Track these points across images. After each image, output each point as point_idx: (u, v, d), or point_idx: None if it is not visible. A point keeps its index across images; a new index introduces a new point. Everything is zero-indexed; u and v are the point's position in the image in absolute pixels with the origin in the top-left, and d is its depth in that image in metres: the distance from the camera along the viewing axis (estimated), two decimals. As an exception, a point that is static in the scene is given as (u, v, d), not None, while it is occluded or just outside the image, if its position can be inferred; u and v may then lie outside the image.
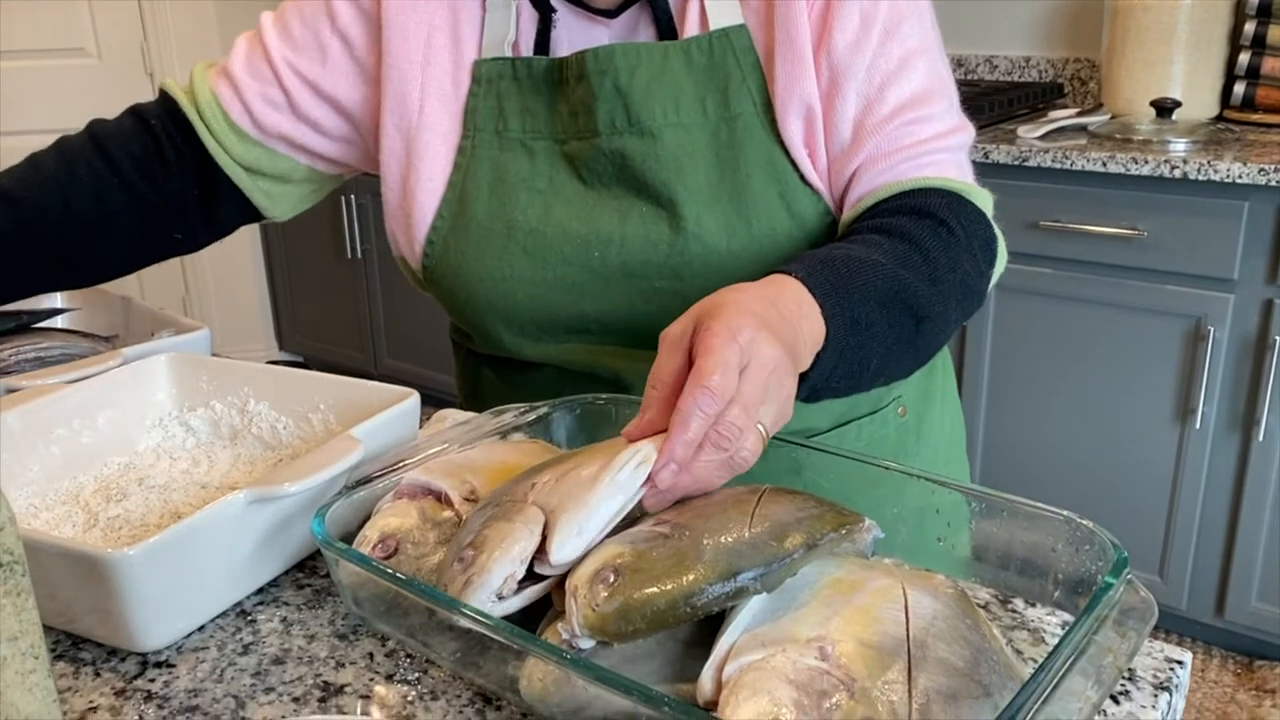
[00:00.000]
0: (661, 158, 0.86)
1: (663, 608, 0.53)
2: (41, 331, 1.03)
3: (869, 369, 0.74)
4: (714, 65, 0.86)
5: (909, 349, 0.79)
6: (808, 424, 0.93)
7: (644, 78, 0.86)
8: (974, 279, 0.83)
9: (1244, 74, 2.26)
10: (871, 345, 0.73)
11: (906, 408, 0.99)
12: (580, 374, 0.93)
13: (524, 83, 0.90)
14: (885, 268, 0.75)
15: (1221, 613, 2.14)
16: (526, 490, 0.61)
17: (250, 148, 0.99)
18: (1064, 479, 2.25)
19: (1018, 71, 2.68)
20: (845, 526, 0.60)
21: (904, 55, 0.85)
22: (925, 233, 0.80)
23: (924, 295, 0.77)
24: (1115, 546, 0.59)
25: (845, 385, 0.74)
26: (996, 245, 0.86)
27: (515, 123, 0.90)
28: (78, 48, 3.36)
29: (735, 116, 0.86)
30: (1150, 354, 2.09)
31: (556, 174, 0.89)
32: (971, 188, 0.86)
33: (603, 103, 0.86)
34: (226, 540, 0.66)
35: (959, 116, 0.89)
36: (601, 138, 0.87)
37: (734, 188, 0.86)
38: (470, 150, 0.91)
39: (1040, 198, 2.10)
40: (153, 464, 0.84)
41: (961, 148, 0.88)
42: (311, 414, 0.85)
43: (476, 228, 0.90)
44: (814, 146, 0.87)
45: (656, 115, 0.86)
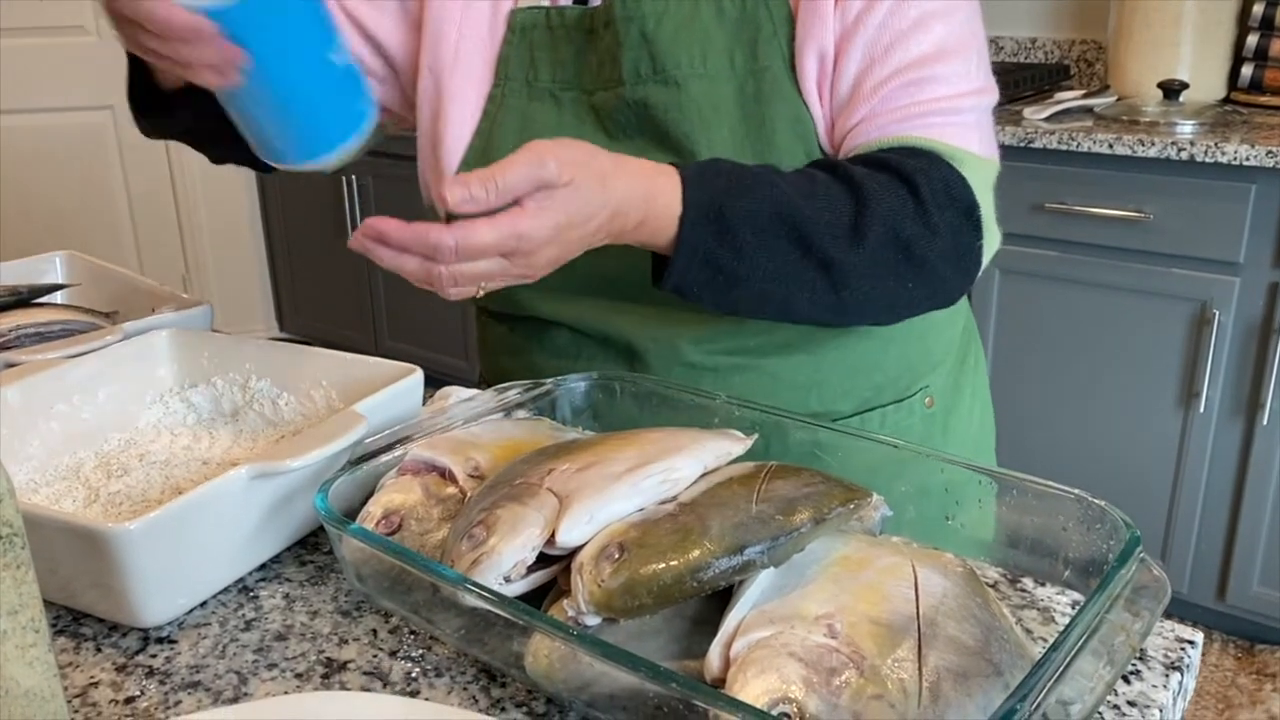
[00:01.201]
0: (684, 108, 0.84)
1: (669, 583, 0.53)
2: (42, 307, 1.02)
3: (741, 285, 0.76)
4: (745, 17, 0.85)
5: (806, 287, 0.78)
6: (830, 408, 0.92)
7: (671, 25, 0.84)
8: (923, 244, 0.79)
9: (1252, 56, 2.24)
10: (744, 261, 0.75)
11: (934, 399, 0.97)
12: (593, 336, 0.92)
13: (556, 32, 0.89)
14: (785, 195, 0.75)
15: (1223, 597, 2.14)
16: (543, 475, 0.60)
17: None
18: (1067, 461, 2.24)
19: (1024, 53, 2.67)
20: (853, 502, 0.60)
21: (921, 15, 0.83)
22: (874, 183, 0.78)
23: (827, 234, 0.76)
24: (1127, 525, 0.58)
25: (711, 295, 0.78)
26: (979, 215, 0.82)
27: (546, 73, 0.89)
28: (77, 25, 3.34)
29: (763, 70, 0.84)
30: (1155, 337, 2.08)
31: (583, 126, 0.88)
32: (959, 153, 0.83)
33: (628, 50, 0.85)
34: (228, 516, 0.65)
35: (981, 78, 0.86)
36: (626, 86, 0.85)
37: (759, 143, 0.84)
38: (500, 99, 0.90)
39: (1046, 180, 2.08)
40: (153, 440, 0.83)
41: (972, 110, 0.85)
42: (313, 390, 0.84)
43: None
44: (824, 100, 0.85)
45: (682, 64, 0.84)
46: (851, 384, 0.92)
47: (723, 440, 0.65)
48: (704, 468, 0.62)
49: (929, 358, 0.97)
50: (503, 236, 0.66)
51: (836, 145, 0.86)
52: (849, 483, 0.62)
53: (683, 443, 0.62)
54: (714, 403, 0.76)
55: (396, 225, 0.66)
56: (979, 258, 0.84)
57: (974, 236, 0.83)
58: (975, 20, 0.87)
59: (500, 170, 0.65)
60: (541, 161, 0.66)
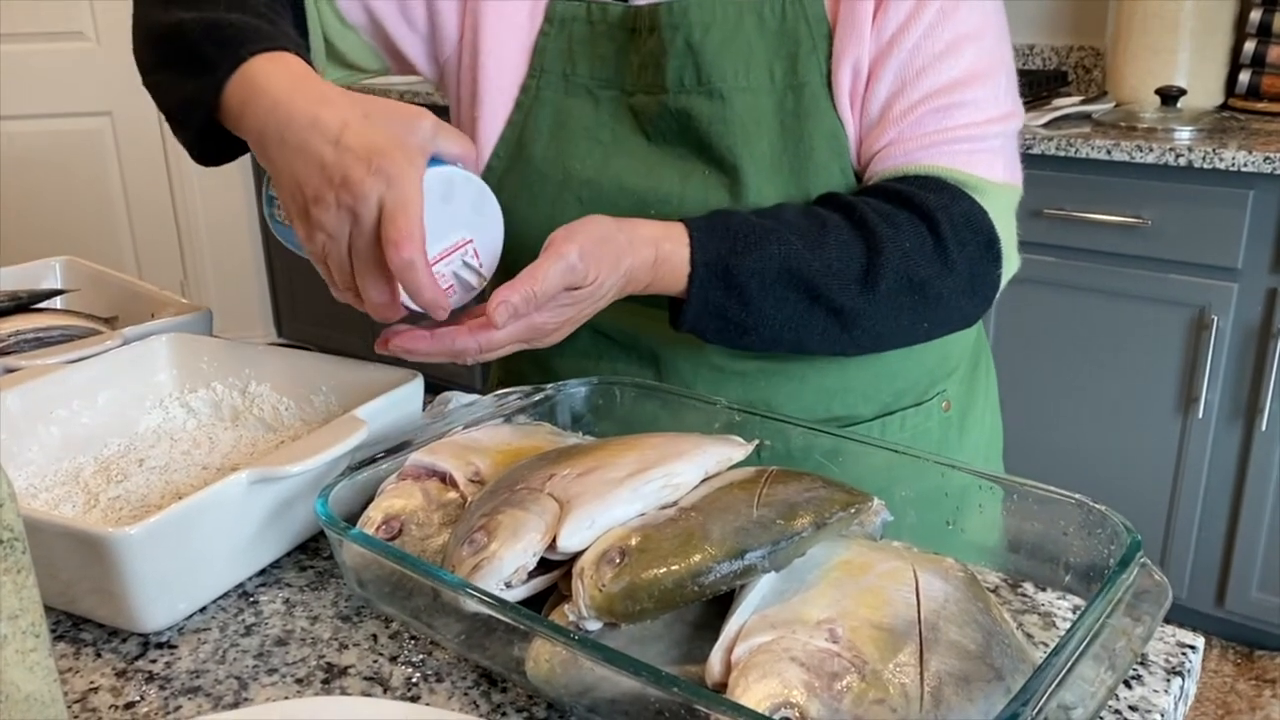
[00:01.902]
0: (729, 122, 0.84)
1: (670, 587, 0.53)
2: (41, 312, 1.02)
3: (752, 333, 0.79)
4: (785, 30, 0.84)
5: (816, 331, 0.80)
6: (853, 412, 0.92)
7: (717, 36, 0.84)
8: (939, 282, 0.80)
9: (1249, 62, 2.25)
10: (753, 313, 0.78)
11: (950, 403, 0.98)
12: (616, 339, 0.91)
13: (597, 27, 0.88)
14: (792, 249, 0.77)
15: (1222, 602, 2.14)
16: (544, 480, 0.60)
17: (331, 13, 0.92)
18: (1066, 466, 2.24)
19: (1022, 59, 2.67)
20: (854, 506, 0.60)
21: (954, 39, 0.82)
22: (891, 226, 0.79)
23: (836, 282, 0.78)
24: (1128, 530, 0.58)
25: (724, 340, 0.81)
26: (999, 247, 0.83)
27: (584, 68, 0.88)
28: (76, 31, 3.34)
29: (802, 85, 0.84)
30: (1154, 342, 2.08)
31: (620, 126, 0.88)
32: (983, 183, 0.83)
33: (673, 59, 0.84)
34: (228, 521, 0.65)
35: (1010, 102, 0.85)
36: (669, 95, 0.85)
37: (796, 159, 0.84)
38: (535, 91, 0.89)
39: (1045, 185, 2.08)
40: (153, 445, 0.83)
41: (999, 135, 0.84)
42: (313, 395, 0.84)
43: (533, 171, 0.89)
44: (856, 111, 0.85)
45: (728, 76, 0.84)
46: (874, 389, 0.92)
47: (724, 445, 0.65)
48: (705, 473, 0.62)
49: (946, 363, 0.97)
50: (521, 332, 0.71)
51: (864, 164, 0.86)
52: (850, 487, 0.62)
53: (684, 448, 0.63)
54: (714, 408, 0.76)
55: (425, 341, 0.71)
56: (996, 285, 0.85)
57: (993, 267, 0.83)
58: (1004, 42, 0.87)
59: (534, 281, 0.68)
60: (570, 266, 0.69)
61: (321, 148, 0.67)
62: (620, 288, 0.75)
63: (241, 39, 0.73)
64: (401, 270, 0.65)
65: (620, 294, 0.75)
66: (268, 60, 0.73)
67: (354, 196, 0.65)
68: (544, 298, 0.69)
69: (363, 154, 0.66)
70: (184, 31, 0.75)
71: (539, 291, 0.68)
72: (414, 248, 0.65)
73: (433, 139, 0.70)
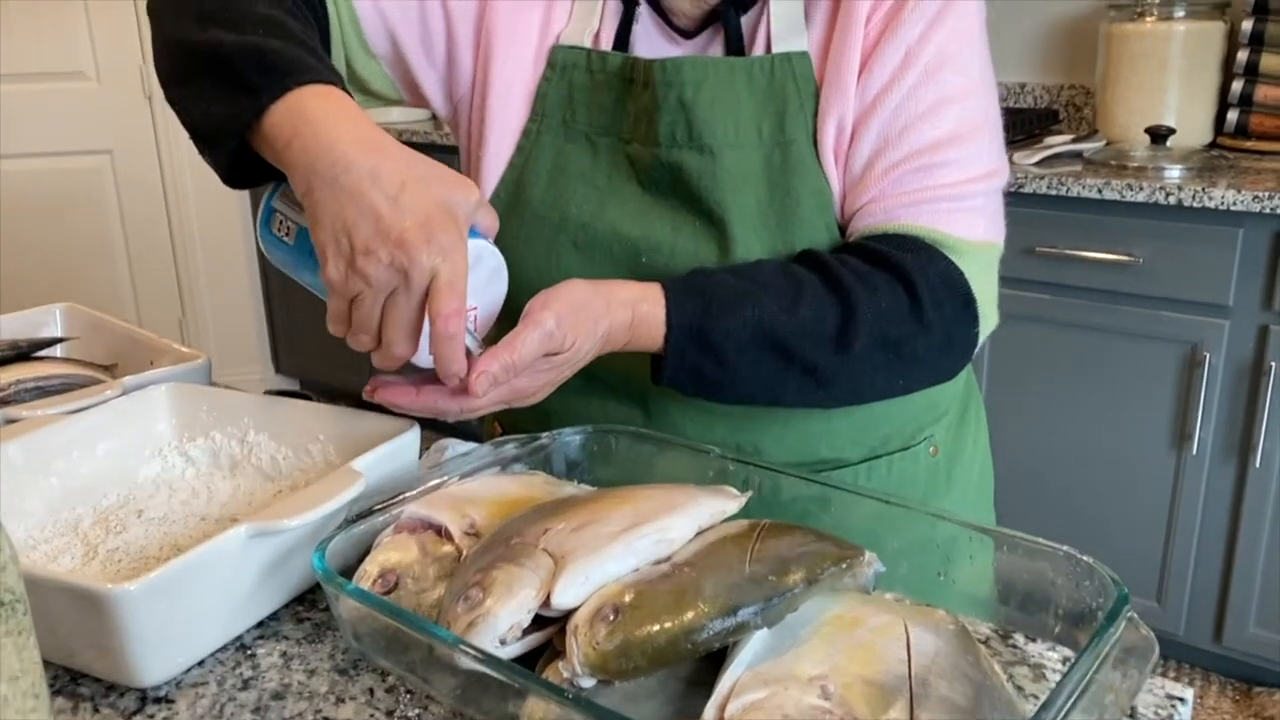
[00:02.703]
0: (718, 177, 0.85)
1: (663, 644, 0.53)
2: (41, 360, 1.03)
3: (728, 390, 0.82)
4: (774, 88, 0.86)
5: (791, 388, 0.82)
6: (839, 455, 0.93)
7: (709, 94, 0.86)
8: (914, 342, 0.81)
9: (1237, 101, 2.28)
10: (728, 372, 0.80)
11: (938, 448, 0.99)
12: (606, 380, 0.92)
13: (597, 75, 0.90)
14: (766, 311, 0.79)
15: (1220, 639, 2.13)
16: (539, 534, 0.61)
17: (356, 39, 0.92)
18: (1061, 504, 2.25)
19: (1013, 98, 2.70)
20: (846, 560, 0.60)
21: (937, 100, 0.84)
22: (867, 287, 0.80)
23: (809, 343, 0.79)
24: (1116, 583, 0.59)
25: (702, 395, 0.84)
26: (975, 306, 0.84)
27: (583, 115, 0.90)
28: (77, 71, 3.38)
29: (789, 142, 0.86)
30: (1146, 379, 2.09)
31: (616, 173, 0.89)
32: (962, 243, 0.84)
33: (665, 114, 0.86)
34: (227, 574, 0.66)
35: (993, 160, 0.87)
36: (661, 148, 0.87)
37: (782, 214, 0.86)
38: (535, 134, 0.91)
39: (1036, 224, 2.10)
40: (152, 495, 0.84)
41: (981, 194, 0.85)
42: (311, 445, 0.85)
43: (530, 213, 0.90)
44: (840, 167, 0.87)
45: (717, 133, 0.86)
46: (860, 433, 0.93)
47: (717, 499, 0.65)
48: (698, 527, 0.62)
49: (934, 409, 0.98)
50: (501, 395, 0.73)
51: (846, 220, 0.87)
52: (842, 541, 0.62)
53: (678, 501, 0.63)
54: (709, 456, 0.77)
55: (410, 397, 0.73)
56: (974, 343, 0.86)
57: (970, 326, 0.84)
58: (990, 101, 0.88)
59: (513, 350, 0.71)
60: (548, 333, 0.72)
61: (379, 202, 0.68)
62: (598, 349, 0.77)
63: (288, 68, 0.74)
64: (442, 341, 0.68)
65: (599, 353, 0.78)
66: (317, 94, 0.73)
67: (409, 259, 0.67)
68: (523, 365, 0.71)
69: (421, 218, 0.68)
70: (224, 52, 0.75)
71: (517, 360, 0.71)
72: (460, 324, 0.68)
73: (475, 212, 0.73)
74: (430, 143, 2.93)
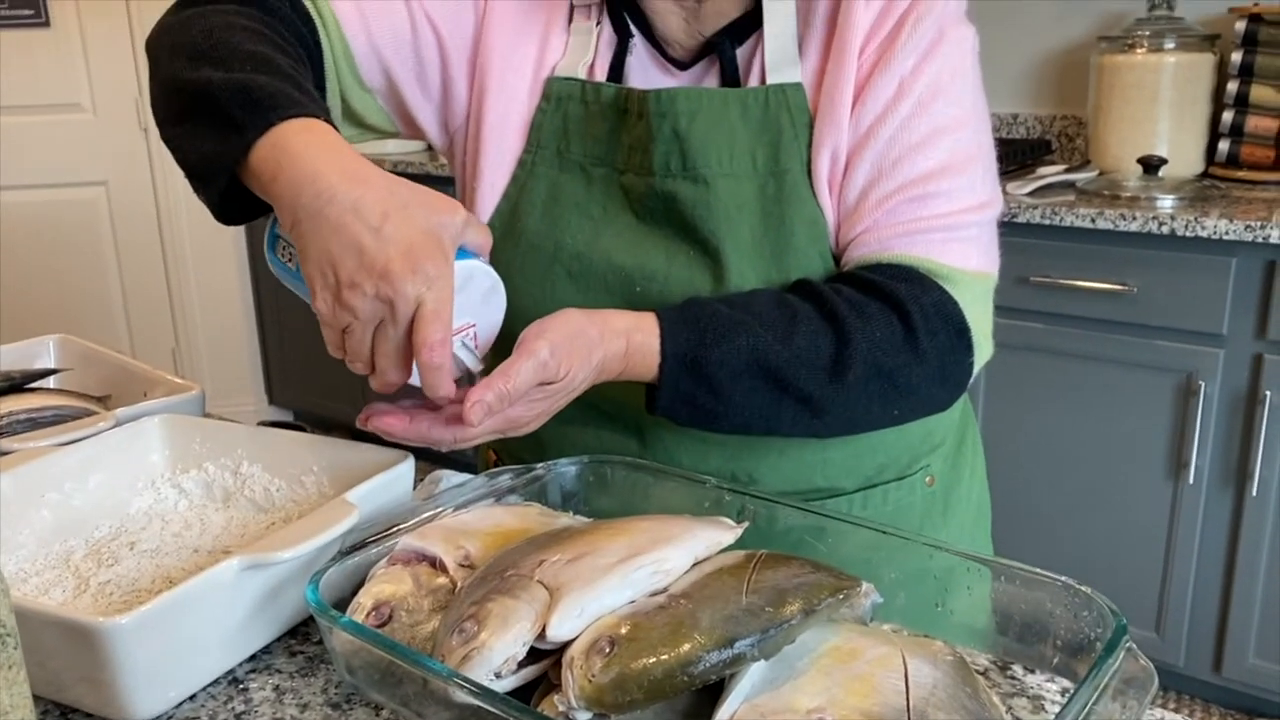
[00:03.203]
0: (712, 206, 0.86)
1: (660, 677, 0.53)
2: (35, 392, 1.03)
3: (722, 419, 0.82)
4: (768, 119, 0.87)
5: (786, 417, 0.82)
6: (835, 484, 0.93)
7: (703, 125, 0.86)
8: (908, 371, 0.81)
9: (1228, 132, 2.29)
10: (722, 402, 0.80)
11: (934, 478, 0.98)
12: (601, 407, 0.92)
13: (591, 106, 0.90)
14: (760, 340, 0.79)
15: (1219, 669, 2.12)
16: (534, 566, 0.60)
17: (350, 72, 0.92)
18: (1058, 533, 2.24)
19: (1006, 128, 2.72)
20: (843, 591, 0.60)
21: (930, 131, 0.84)
22: (861, 317, 0.80)
23: (804, 372, 0.79)
24: (1114, 613, 0.58)
25: (697, 425, 0.83)
26: (970, 336, 0.84)
27: (578, 146, 0.91)
28: (74, 103, 3.39)
29: (783, 172, 0.86)
30: (1142, 408, 2.10)
31: (610, 202, 0.90)
32: (956, 273, 0.84)
33: (660, 145, 0.86)
34: (219, 607, 0.65)
35: (987, 191, 0.87)
36: (655, 178, 0.87)
37: (777, 244, 0.86)
38: (530, 165, 0.92)
39: (1030, 253, 2.11)
40: (144, 527, 0.83)
41: (974, 224, 0.86)
42: (304, 476, 0.84)
43: (525, 243, 0.91)
44: (834, 197, 0.87)
45: (711, 163, 0.86)
46: (856, 463, 0.93)
47: (713, 529, 0.65)
48: (694, 558, 0.62)
49: (930, 439, 0.98)
50: (496, 425, 0.73)
51: (841, 250, 0.88)
52: (839, 571, 0.62)
53: (674, 533, 0.63)
54: (704, 487, 0.77)
55: (401, 427, 0.74)
56: (969, 373, 0.86)
57: (964, 356, 0.84)
58: (983, 132, 0.88)
59: (507, 379, 0.70)
60: (542, 363, 0.72)
61: (362, 234, 0.68)
62: (593, 378, 0.77)
63: (271, 103, 0.74)
64: (428, 371, 0.68)
65: (594, 382, 0.77)
66: (300, 128, 0.74)
67: (394, 291, 0.67)
68: (517, 394, 0.71)
69: (404, 248, 0.68)
70: (212, 90, 0.75)
71: (512, 389, 0.70)
72: (445, 352, 0.68)
73: (463, 232, 0.73)
74: (425, 174, 2.94)
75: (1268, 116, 2.25)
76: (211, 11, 0.84)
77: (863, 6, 0.85)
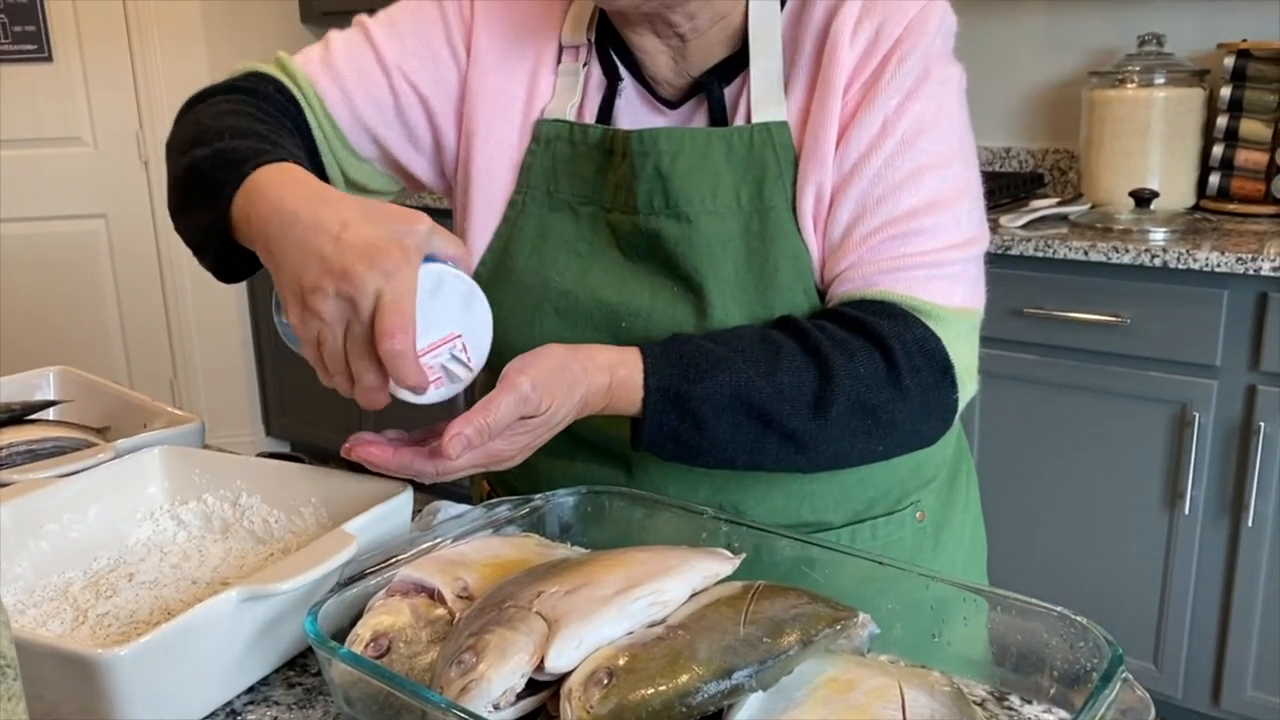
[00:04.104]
0: (695, 243, 0.87)
1: (658, 708, 0.53)
2: (34, 424, 1.03)
3: (706, 454, 0.82)
4: (753, 157, 0.88)
5: (770, 453, 0.82)
6: (822, 518, 0.93)
7: (685, 163, 0.87)
8: (891, 408, 0.81)
9: (1218, 165, 2.32)
10: (706, 437, 0.80)
11: (925, 513, 0.98)
12: (590, 440, 0.93)
13: (578, 147, 0.92)
14: (743, 376, 0.79)
15: (1218, 702, 2.12)
16: (532, 598, 0.61)
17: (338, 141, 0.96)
18: (1054, 566, 2.24)
19: (999, 161, 2.74)
20: (840, 622, 0.61)
21: (915, 169, 0.85)
22: (844, 353, 0.80)
23: (787, 408, 0.80)
24: (1110, 643, 0.59)
25: (681, 459, 0.83)
26: (953, 373, 0.84)
27: (566, 185, 0.92)
28: (75, 137, 3.42)
29: (768, 209, 0.87)
30: (1136, 440, 2.10)
31: (598, 240, 0.91)
32: (939, 310, 0.85)
33: (643, 183, 0.88)
34: (218, 639, 0.65)
35: (972, 227, 0.87)
36: (640, 215, 0.88)
37: (761, 279, 0.87)
38: (521, 205, 0.93)
39: (1024, 285, 2.13)
40: (143, 558, 0.83)
41: (960, 261, 0.86)
42: (303, 508, 0.84)
43: (515, 280, 0.92)
44: (819, 234, 0.88)
45: (694, 201, 0.87)
46: (844, 496, 0.93)
47: (710, 560, 0.65)
48: (692, 589, 0.62)
49: (921, 473, 0.98)
50: (478, 458, 0.74)
51: (825, 286, 0.88)
52: (836, 602, 0.62)
53: (671, 564, 0.63)
54: (702, 518, 0.77)
55: (384, 457, 0.75)
56: (953, 409, 0.86)
57: (948, 392, 0.85)
58: (970, 169, 0.89)
59: (487, 413, 0.72)
60: (523, 397, 0.73)
61: (322, 243, 0.70)
62: (576, 412, 0.77)
63: (243, 157, 0.78)
64: (390, 358, 0.68)
65: (577, 417, 0.78)
66: (272, 172, 0.77)
67: (353, 287, 0.68)
68: (498, 428, 0.72)
69: (363, 249, 0.69)
70: (196, 166, 0.80)
71: (492, 423, 0.72)
72: (405, 339, 0.68)
73: (428, 239, 0.73)
74: (424, 205, 2.96)
75: (1257, 150, 2.27)
76: (203, 108, 0.89)
77: (847, 46, 0.86)
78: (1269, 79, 2.24)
